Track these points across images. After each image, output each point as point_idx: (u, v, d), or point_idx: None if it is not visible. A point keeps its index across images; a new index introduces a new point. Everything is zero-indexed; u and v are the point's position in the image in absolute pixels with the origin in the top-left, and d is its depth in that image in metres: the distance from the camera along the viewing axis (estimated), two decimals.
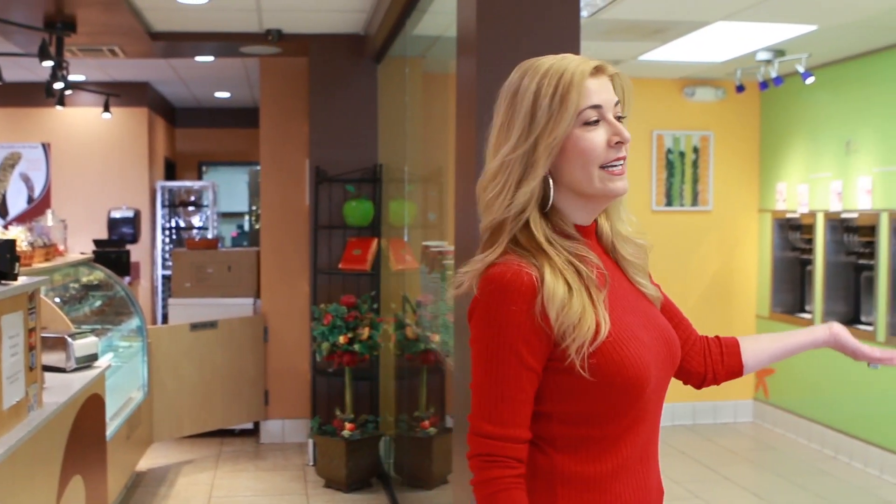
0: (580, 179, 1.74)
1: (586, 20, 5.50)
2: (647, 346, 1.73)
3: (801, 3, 5.08)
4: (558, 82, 1.72)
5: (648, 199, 7.95)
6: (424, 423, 5.67)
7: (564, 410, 1.73)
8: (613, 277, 1.79)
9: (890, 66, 6.36)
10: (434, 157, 5.75)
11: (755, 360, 2.03)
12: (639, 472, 1.77)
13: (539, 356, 1.69)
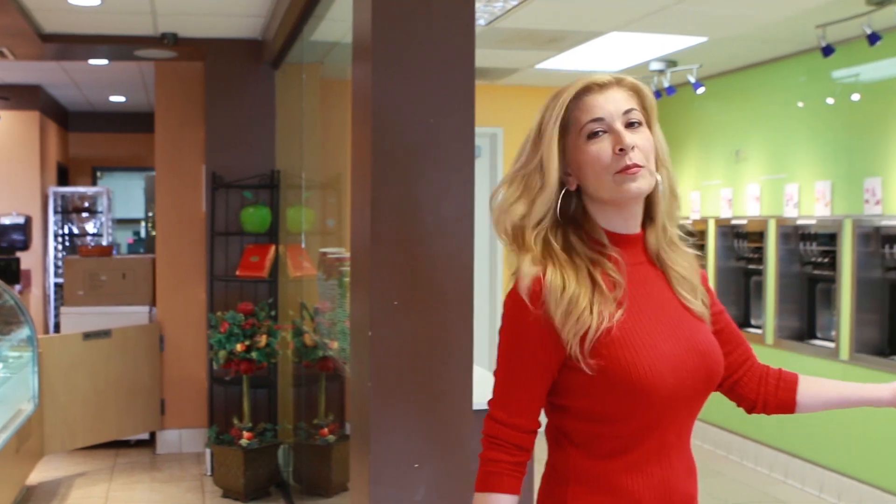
0: (597, 188, 1.86)
1: (483, 28, 5.55)
2: (666, 357, 1.82)
3: (691, 15, 5.21)
4: (557, 105, 1.87)
5: None
6: (323, 430, 5.64)
7: (579, 406, 1.86)
8: (653, 286, 1.90)
9: (776, 77, 6.57)
10: (332, 164, 5.74)
11: (810, 402, 2.06)
12: (655, 476, 1.85)
13: (552, 354, 1.82)
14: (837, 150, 6.07)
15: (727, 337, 2.03)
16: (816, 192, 6.21)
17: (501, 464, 1.86)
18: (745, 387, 2.07)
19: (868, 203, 5.78)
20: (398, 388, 2.83)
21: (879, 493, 5.70)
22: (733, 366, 2.04)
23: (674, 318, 1.89)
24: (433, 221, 2.83)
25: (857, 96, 5.91)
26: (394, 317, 2.80)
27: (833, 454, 6.04)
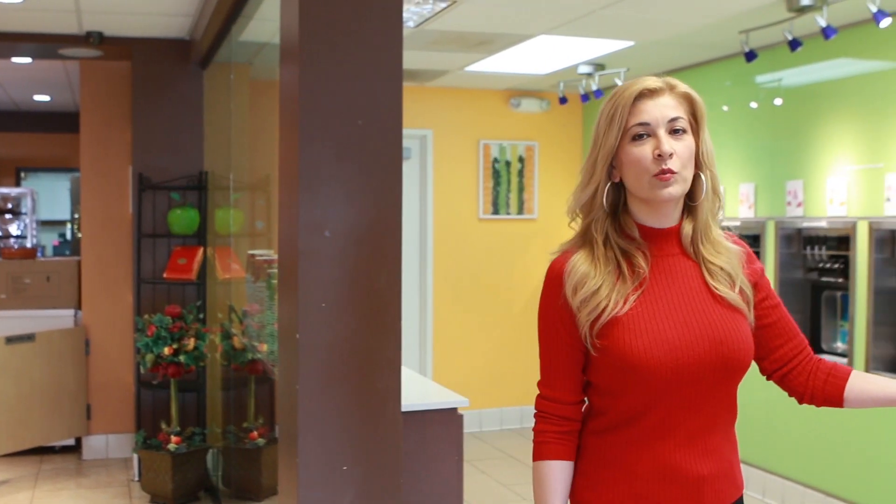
0: (636, 187, 2.01)
1: (413, 30, 5.56)
2: (668, 341, 1.96)
3: (618, 19, 5.28)
4: (612, 105, 2.02)
5: (475, 207, 8.08)
6: (253, 434, 5.60)
7: (595, 381, 2.05)
8: (680, 276, 2.04)
9: (702, 81, 6.67)
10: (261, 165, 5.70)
11: (858, 398, 2.12)
12: (657, 452, 2.00)
13: (575, 333, 2.02)
14: (761, 153, 6.19)
15: (779, 331, 2.15)
16: (741, 194, 6.33)
17: (549, 433, 2.08)
18: (795, 379, 2.17)
19: (790, 205, 5.90)
20: (326, 391, 2.82)
21: (821, 496, 5.83)
22: (784, 358, 2.16)
23: (694, 306, 2.02)
24: (361, 223, 2.83)
25: (780, 101, 6.03)
26: (322, 319, 2.80)
27: (776, 457, 6.16)
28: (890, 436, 5.20)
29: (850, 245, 5.45)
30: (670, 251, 2.05)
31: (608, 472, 2.03)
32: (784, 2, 4.86)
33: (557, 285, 2.06)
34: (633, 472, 2.01)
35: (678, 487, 2.00)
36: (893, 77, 5.21)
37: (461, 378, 7.89)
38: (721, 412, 2.05)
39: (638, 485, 2.01)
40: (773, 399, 5.91)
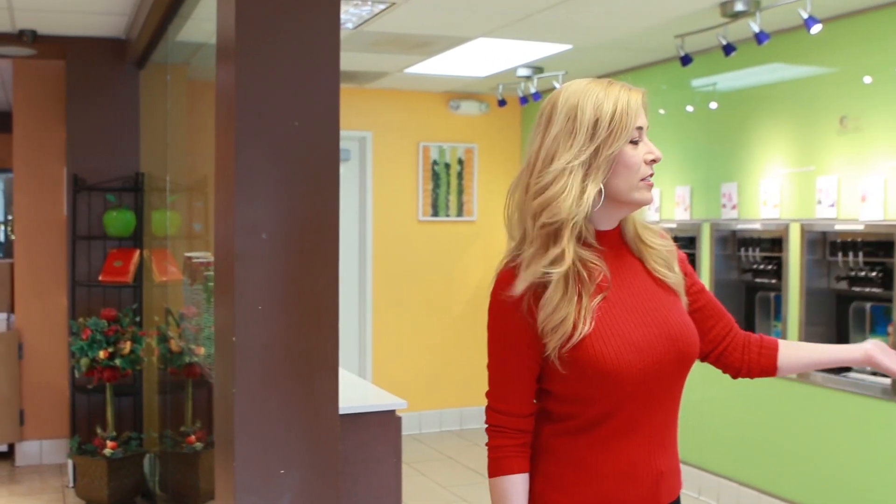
0: (622, 190, 2.01)
1: (351, 32, 5.55)
2: (635, 344, 1.98)
3: (556, 23, 5.32)
4: (622, 106, 1.99)
5: (415, 209, 8.09)
6: (190, 438, 5.54)
7: (556, 390, 2.03)
8: (630, 274, 2.07)
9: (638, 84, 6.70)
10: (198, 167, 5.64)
11: (789, 365, 2.24)
12: (620, 451, 2.02)
13: (534, 346, 1.99)
14: (696, 156, 6.28)
15: (709, 313, 2.22)
16: (677, 196, 6.41)
17: (507, 448, 2.04)
18: (731, 356, 2.24)
19: (725, 207, 5.99)
20: (263, 394, 2.80)
21: (755, 494, 5.91)
22: (717, 339, 2.23)
23: (648, 304, 2.05)
24: (298, 225, 2.82)
25: (715, 105, 6.12)
26: (258, 321, 2.78)
27: (711, 456, 6.23)
28: (821, 433, 5.30)
29: (782, 246, 5.55)
30: (621, 251, 2.10)
31: (573, 473, 2.04)
32: (718, 7, 4.93)
33: (518, 300, 1.98)
34: (599, 471, 2.02)
35: (640, 484, 2.04)
36: (824, 82, 5.31)
37: (401, 380, 7.89)
38: (675, 407, 2.12)
39: (603, 483, 2.03)
40: (709, 399, 6.00)
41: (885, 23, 4.90)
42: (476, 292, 8.17)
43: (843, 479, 5.15)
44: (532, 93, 7.01)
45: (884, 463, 4.90)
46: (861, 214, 4.99)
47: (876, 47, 4.95)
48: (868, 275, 5.06)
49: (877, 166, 4.91)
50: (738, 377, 2.28)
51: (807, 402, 5.38)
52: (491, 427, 2.07)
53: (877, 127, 4.93)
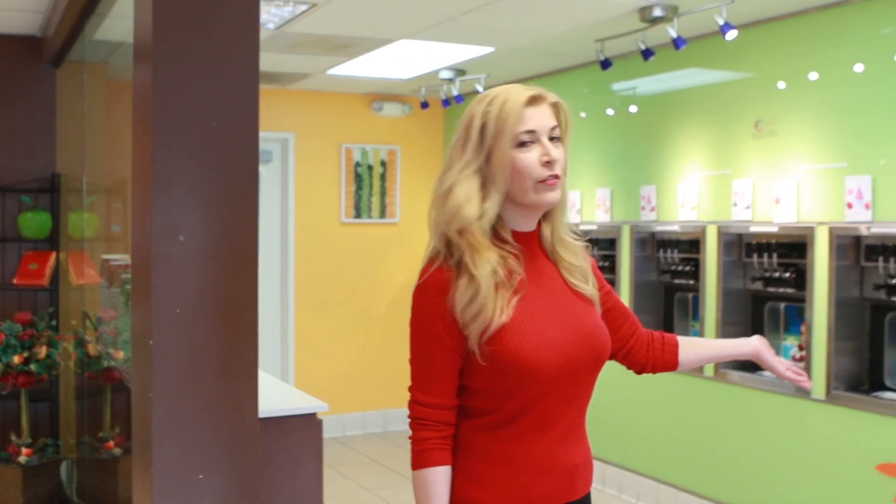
0: (519, 193, 2.05)
1: (273, 32, 5.52)
2: (551, 341, 2.04)
3: (477, 26, 5.34)
4: (499, 110, 2.03)
5: (337, 211, 8.06)
6: (109, 444, 5.45)
7: (475, 385, 2.07)
8: (547, 277, 2.13)
9: (560, 88, 6.79)
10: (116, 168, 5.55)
11: (688, 360, 2.39)
12: (537, 445, 2.07)
13: (457, 338, 2.03)
14: (617, 159, 6.36)
15: (617, 313, 2.32)
16: (597, 199, 6.48)
17: (431, 440, 2.07)
18: (636, 353, 2.36)
19: (644, 210, 6.08)
20: (181, 398, 2.77)
21: (674, 491, 6.00)
22: (624, 337, 2.34)
23: (563, 305, 2.12)
24: (216, 227, 2.79)
25: (635, 108, 6.21)
26: (176, 325, 2.74)
27: (631, 455, 6.31)
28: (737, 430, 5.40)
29: (700, 248, 5.65)
30: (536, 253, 2.14)
31: (492, 468, 2.08)
32: (637, 13, 5.01)
33: (440, 292, 2.04)
34: (517, 466, 2.07)
35: (557, 478, 2.09)
36: (740, 87, 5.42)
37: (324, 383, 7.86)
38: (587, 403, 2.18)
39: (521, 478, 2.07)
40: (629, 399, 6.08)
41: (798, 29, 5.02)
42: (399, 294, 8.17)
43: (758, 474, 5.26)
44: (454, 95, 7.04)
45: (796, 458, 5.01)
46: (775, 217, 5.10)
47: (790, 53, 5.07)
48: (782, 276, 5.17)
49: (790, 170, 5.03)
50: (643, 373, 2.41)
51: (723, 400, 5.48)
52: (414, 420, 2.10)
53: (790, 131, 5.05)
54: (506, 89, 2.09)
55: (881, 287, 4.68)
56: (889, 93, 4.53)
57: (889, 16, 4.54)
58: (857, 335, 4.86)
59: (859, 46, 4.69)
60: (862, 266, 4.79)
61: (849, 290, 4.82)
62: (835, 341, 4.81)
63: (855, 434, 4.69)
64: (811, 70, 4.94)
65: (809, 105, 4.95)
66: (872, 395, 4.70)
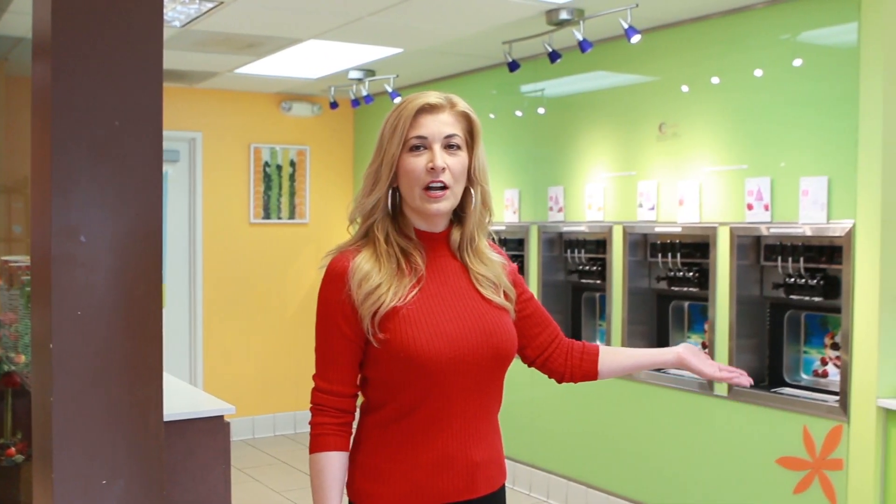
0: (409, 196, 2.14)
1: (179, 30, 5.44)
2: (446, 334, 2.08)
3: (385, 26, 5.34)
4: (397, 114, 2.14)
5: (246, 211, 7.98)
6: (10, 450, 5.31)
7: (372, 376, 2.14)
8: (451, 276, 2.18)
9: (470, 89, 6.84)
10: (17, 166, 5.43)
11: (609, 370, 2.40)
12: (435, 441, 2.10)
13: (355, 328, 2.09)
14: (525, 160, 6.41)
15: (537, 320, 2.35)
16: (506, 199, 6.53)
17: (327, 426, 2.12)
18: (555, 361, 2.37)
19: (552, 210, 6.15)
20: (83, 402, 2.71)
21: (583, 488, 6.07)
22: (542, 345, 2.36)
23: (465, 303, 2.16)
24: (119, 228, 2.74)
25: (543, 110, 6.27)
26: (77, 328, 2.69)
27: (541, 453, 6.36)
28: (645, 428, 5.50)
29: (606, 248, 5.73)
30: (441, 253, 2.20)
31: (389, 463, 2.11)
32: (544, 15, 5.06)
33: (340, 281, 2.11)
34: (413, 461, 2.09)
35: (455, 474, 2.11)
36: (645, 90, 5.52)
37: (233, 385, 7.78)
38: (491, 401, 2.19)
39: (417, 474, 2.10)
40: (539, 397, 6.14)
41: (701, 35, 5.13)
42: (309, 294, 8.12)
43: (665, 470, 5.36)
44: (364, 95, 7.02)
45: (701, 453, 5.12)
46: (679, 217, 5.21)
47: (693, 58, 5.18)
48: (686, 275, 5.28)
49: (693, 171, 5.13)
50: (563, 382, 2.41)
51: (631, 398, 5.57)
52: (313, 406, 2.16)
53: (693, 134, 5.16)
54: (415, 95, 2.16)
55: (780, 286, 4.81)
56: (787, 97, 4.66)
57: (787, 22, 4.67)
58: (758, 333, 4.98)
59: (759, 52, 4.81)
60: (762, 265, 4.92)
61: (749, 289, 4.94)
62: (736, 339, 4.93)
63: (756, 429, 4.81)
64: (713, 74, 5.05)
65: (711, 108, 5.07)
66: (772, 390, 4.83)
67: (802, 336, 4.92)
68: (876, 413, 4.26)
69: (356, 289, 2.08)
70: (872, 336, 4.26)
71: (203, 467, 3.88)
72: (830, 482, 4.43)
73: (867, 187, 4.27)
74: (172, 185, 7.81)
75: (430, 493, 2.10)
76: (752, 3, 4.78)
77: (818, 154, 4.50)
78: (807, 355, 4.91)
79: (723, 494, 5.00)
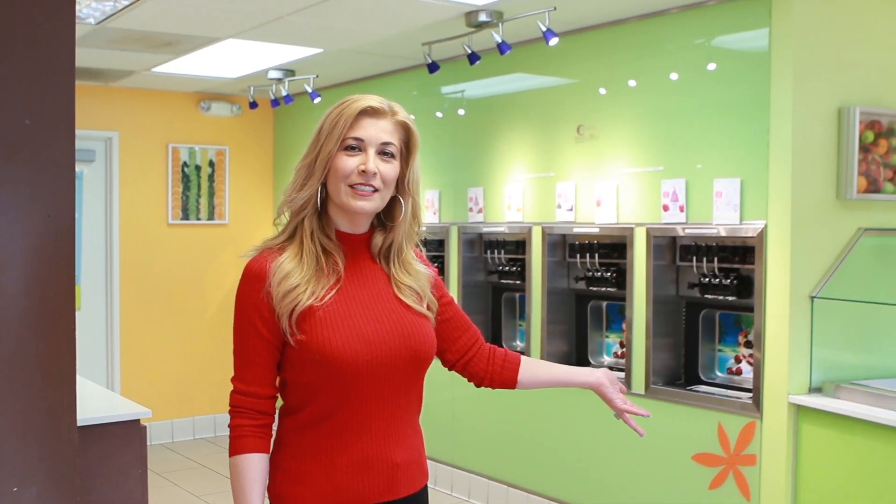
0: (336, 192, 2.13)
1: (94, 27, 5.35)
2: (363, 336, 2.09)
3: (305, 26, 5.32)
4: (338, 113, 2.14)
5: (164, 212, 7.87)
6: None
7: (291, 378, 2.14)
8: (371, 280, 2.18)
9: (391, 90, 6.83)
10: None
11: (528, 381, 2.41)
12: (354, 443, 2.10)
13: (273, 329, 2.09)
14: (445, 161, 6.44)
15: (456, 324, 2.37)
16: (426, 200, 6.55)
17: (245, 427, 2.12)
18: (476, 365, 2.39)
19: (472, 211, 6.18)
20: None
21: (504, 488, 6.10)
22: (463, 348, 2.38)
23: (384, 306, 2.16)
24: (30, 229, 2.69)
25: (463, 111, 6.30)
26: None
27: (462, 453, 6.38)
28: (566, 428, 5.55)
29: (526, 249, 5.78)
30: (362, 256, 2.20)
31: (309, 466, 2.11)
32: (463, 17, 5.08)
33: (259, 281, 2.10)
34: (333, 464, 2.09)
35: (375, 476, 2.12)
36: (563, 92, 5.57)
37: (151, 389, 7.67)
38: (410, 403, 2.20)
39: (338, 476, 2.10)
40: (457, 397, 6.16)
41: (618, 38, 5.20)
42: (229, 296, 8.04)
43: (585, 468, 5.42)
44: (284, 95, 6.98)
45: (619, 451, 5.19)
46: (596, 218, 5.28)
47: (610, 61, 5.25)
48: (604, 275, 5.35)
49: (610, 173, 5.20)
50: (482, 386, 2.43)
51: (550, 396, 5.62)
52: (232, 408, 2.15)
53: (610, 135, 5.23)
54: (357, 97, 2.18)
55: (695, 285, 4.90)
56: (702, 100, 4.75)
57: (702, 27, 4.76)
58: (674, 332, 5.07)
59: (675, 56, 4.90)
60: (677, 265, 5.01)
61: (665, 289, 5.03)
62: (653, 338, 5.01)
63: (672, 426, 4.90)
64: (630, 77, 5.12)
65: (628, 111, 5.14)
66: (688, 388, 4.92)
67: (717, 334, 5.02)
68: (787, 409, 4.36)
69: (276, 287, 2.08)
70: (783, 334, 4.37)
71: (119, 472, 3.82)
72: (744, 477, 4.53)
73: (778, 189, 4.38)
74: (88, 185, 7.68)
75: (350, 494, 2.11)
76: (668, 8, 4.86)
77: (731, 156, 4.59)
78: (721, 353, 5.01)
79: (641, 491, 5.08)
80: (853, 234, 4.49)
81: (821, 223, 4.41)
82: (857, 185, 4.41)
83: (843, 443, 4.19)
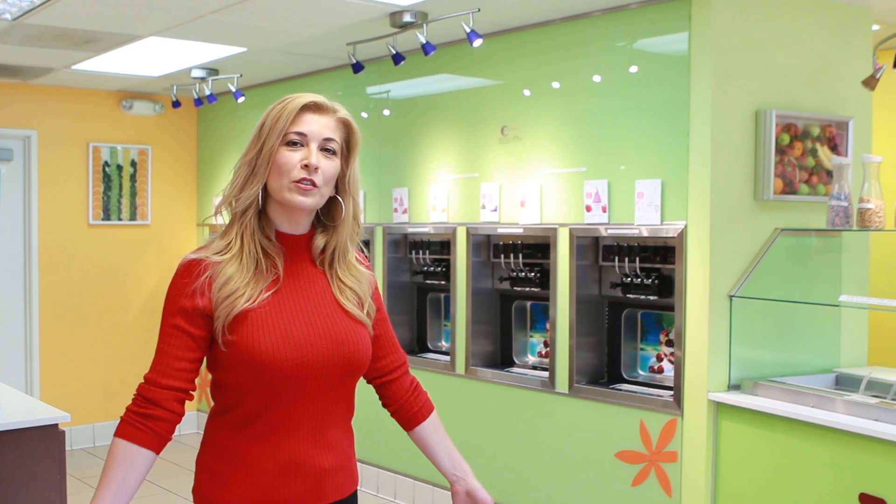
0: (276, 188, 2.10)
1: (11, 23, 5.25)
2: (293, 339, 2.06)
3: (228, 25, 5.27)
4: (280, 109, 2.11)
5: (85, 212, 7.74)
6: None
7: (219, 379, 2.12)
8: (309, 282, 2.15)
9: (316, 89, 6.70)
10: None
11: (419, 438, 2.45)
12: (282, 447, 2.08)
13: (198, 325, 2.06)
14: (370, 161, 6.43)
15: (383, 343, 2.35)
16: None
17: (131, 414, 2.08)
18: (394, 392, 2.42)
19: (397, 212, 6.18)
20: None
21: (430, 487, 6.11)
22: (384, 370, 2.39)
23: (319, 310, 2.14)
24: None
25: (388, 112, 6.30)
26: None
27: (387, 454, 6.38)
28: (490, 425, 5.58)
29: (450, 249, 5.80)
30: (301, 258, 2.17)
31: (234, 468, 2.08)
32: (388, 17, 5.08)
33: (191, 278, 2.07)
34: (259, 467, 2.07)
35: (301, 481, 2.10)
36: (488, 93, 5.61)
37: (72, 392, 7.53)
38: (341, 408, 2.19)
39: (263, 480, 2.07)
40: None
41: (542, 40, 5.24)
42: (152, 297, 7.93)
43: (510, 467, 5.46)
44: (207, 94, 6.91)
45: (544, 450, 5.24)
46: (520, 218, 5.31)
47: (534, 62, 5.29)
48: (528, 275, 5.39)
49: (534, 173, 5.25)
50: (387, 409, 2.46)
51: (475, 396, 5.65)
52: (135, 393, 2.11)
53: (534, 137, 5.27)
54: (300, 94, 2.16)
55: (617, 285, 4.97)
56: (624, 102, 4.81)
57: (624, 30, 4.83)
58: (597, 331, 5.13)
59: (597, 58, 4.95)
60: (600, 265, 5.07)
61: (588, 289, 5.08)
62: (576, 337, 5.06)
63: (596, 424, 4.95)
64: (554, 79, 5.17)
65: (552, 112, 5.19)
66: (611, 387, 4.98)
67: (639, 334, 5.09)
68: (707, 406, 4.44)
69: (216, 292, 2.05)
70: (703, 333, 4.44)
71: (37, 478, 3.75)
72: (666, 474, 4.60)
73: (697, 190, 4.45)
74: (6, 184, 7.51)
75: (276, 499, 2.09)
76: (591, 11, 4.92)
77: (652, 158, 4.66)
78: (643, 352, 5.09)
79: (565, 488, 5.13)
80: (770, 235, 4.58)
81: (739, 224, 4.50)
82: (773, 187, 4.50)
83: (762, 438, 4.28)
